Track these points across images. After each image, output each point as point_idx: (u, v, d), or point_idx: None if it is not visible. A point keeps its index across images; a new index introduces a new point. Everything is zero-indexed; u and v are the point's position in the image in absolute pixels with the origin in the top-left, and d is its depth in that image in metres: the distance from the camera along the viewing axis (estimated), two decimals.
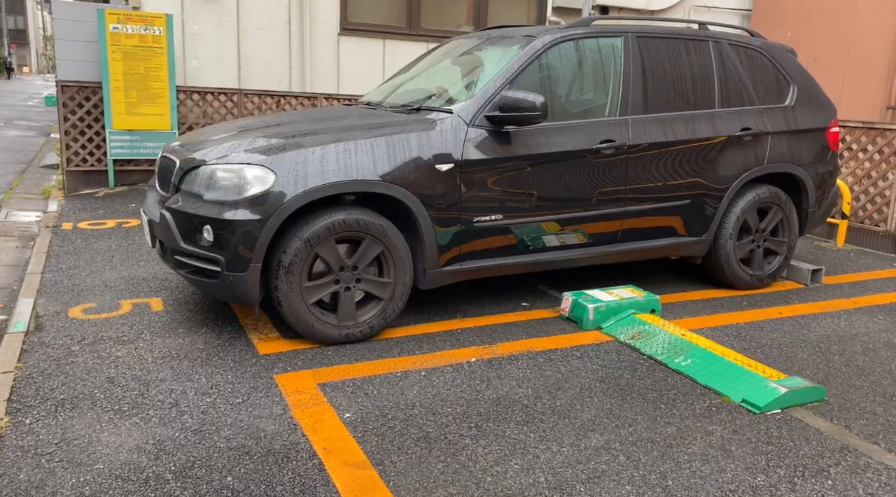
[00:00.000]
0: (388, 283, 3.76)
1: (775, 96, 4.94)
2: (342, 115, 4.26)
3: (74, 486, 2.40)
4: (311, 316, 3.60)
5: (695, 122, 4.55)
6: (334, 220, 3.56)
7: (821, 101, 5.11)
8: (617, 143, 4.25)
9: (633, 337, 3.93)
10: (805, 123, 4.97)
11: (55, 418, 2.83)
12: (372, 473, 2.57)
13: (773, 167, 4.83)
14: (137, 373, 3.29)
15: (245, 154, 3.57)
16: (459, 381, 3.36)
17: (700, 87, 4.64)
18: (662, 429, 2.99)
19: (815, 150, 5.02)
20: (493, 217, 3.98)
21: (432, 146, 3.78)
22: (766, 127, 4.79)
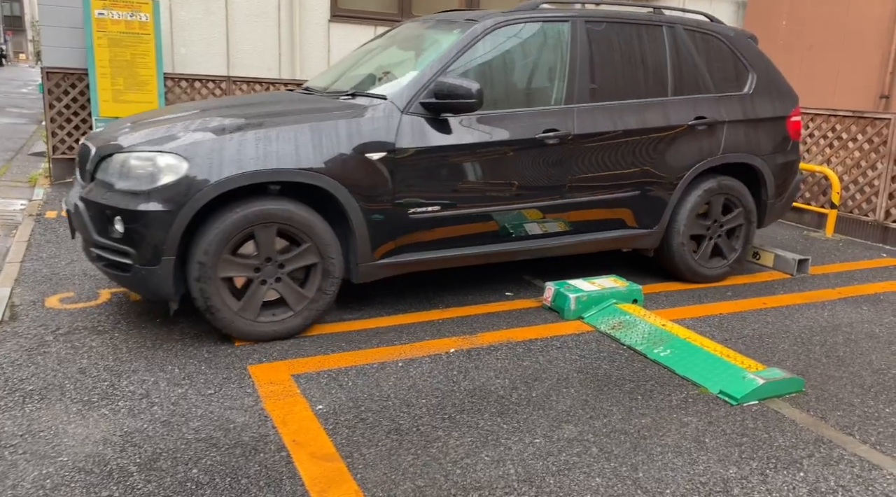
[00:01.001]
0: (305, 297, 3.60)
1: (733, 84, 4.80)
2: (274, 100, 4.10)
3: (36, 478, 2.37)
4: (231, 312, 3.43)
5: (645, 111, 4.41)
6: (250, 211, 3.37)
7: (782, 90, 4.98)
8: (561, 132, 4.12)
9: (613, 327, 3.90)
10: (764, 112, 4.84)
11: (22, 410, 2.81)
12: (340, 466, 2.55)
13: (728, 157, 4.70)
14: (110, 363, 3.26)
15: (160, 141, 3.39)
16: (437, 372, 3.33)
17: (652, 74, 4.50)
18: (637, 420, 2.97)
19: (774, 139, 4.89)
20: (430, 208, 3.84)
21: (362, 134, 3.63)
22: (721, 116, 4.66)
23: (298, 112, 3.68)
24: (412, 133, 3.74)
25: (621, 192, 4.41)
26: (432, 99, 3.75)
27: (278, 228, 3.47)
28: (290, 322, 3.59)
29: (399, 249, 3.85)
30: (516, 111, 4.09)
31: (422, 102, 3.77)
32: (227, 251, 3.38)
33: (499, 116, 4.01)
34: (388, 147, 3.67)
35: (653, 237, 4.63)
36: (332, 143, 3.56)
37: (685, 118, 4.53)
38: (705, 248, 4.80)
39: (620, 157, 4.35)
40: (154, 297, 3.44)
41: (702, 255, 4.80)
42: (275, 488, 2.39)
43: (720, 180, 4.72)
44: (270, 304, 3.60)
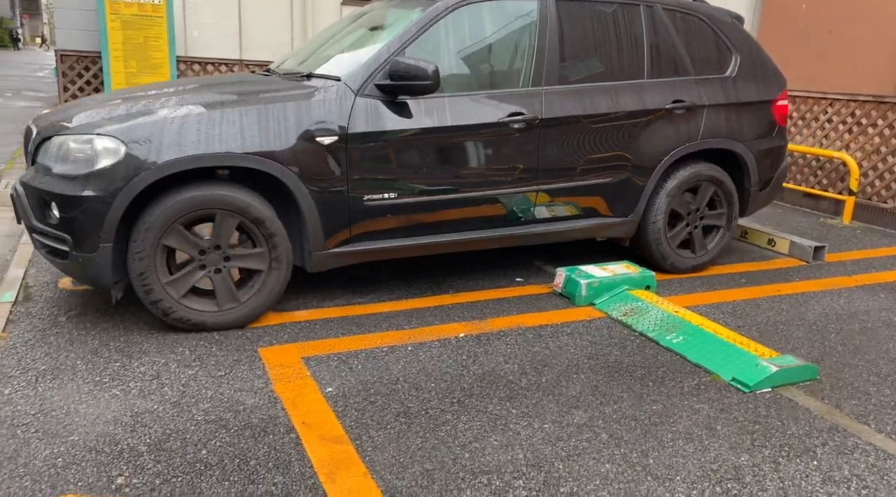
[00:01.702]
0: (262, 253, 3.45)
1: (715, 66, 4.59)
2: (231, 82, 3.96)
3: (48, 457, 2.39)
4: (169, 297, 3.32)
5: (619, 95, 4.21)
6: (186, 197, 3.23)
7: (767, 72, 4.77)
8: (528, 116, 3.93)
9: (625, 313, 3.86)
10: (748, 96, 4.63)
11: (34, 389, 2.83)
12: (349, 448, 2.55)
13: (708, 143, 4.50)
14: (122, 344, 3.28)
15: (100, 124, 3.26)
16: (446, 357, 3.32)
17: (627, 55, 4.29)
18: (648, 407, 2.94)
19: (759, 124, 4.69)
20: (386, 195, 3.68)
21: (312, 117, 3.46)
22: (701, 99, 4.45)
23: (248, 94, 3.53)
24: (366, 116, 3.57)
25: (594, 180, 4.23)
26: (387, 80, 3.57)
27: (204, 216, 3.32)
28: (206, 316, 3.41)
29: (355, 238, 3.71)
30: (479, 94, 3.90)
31: (377, 84, 3.60)
32: (179, 224, 3.27)
33: (460, 100, 3.82)
34: (339, 131, 3.50)
35: (627, 226, 4.46)
36: (280, 126, 3.40)
37: (662, 102, 4.33)
38: (676, 233, 4.60)
39: (592, 143, 4.16)
40: (93, 286, 3.34)
41: (684, 245, 4.65)
42: (283, 470, 2.40)
43: (700, 167, 4.53)
44: (207, 293, 3.47)
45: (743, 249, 5.41)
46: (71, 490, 2.23)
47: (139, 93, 3.81)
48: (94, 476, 2.31)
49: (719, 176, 4.61)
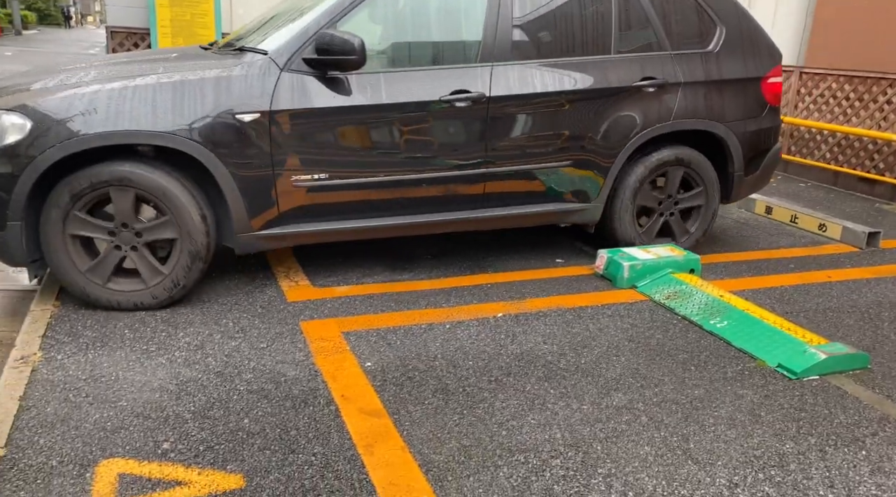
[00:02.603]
0: (169, 220, 3.31)
1: (696, 40, 4.23)
2: (162, 57, 3.78)
3: (97, 421, 2.47)
4: (77, 272, 3.26)
5: (579, 72, 3.92)
6: (94, 173, 3.13)
7: (758, 46, 4.39)
8: (473, 94, 3.67)
9: (668, 297, 3.79)
10: (733, 72, 4.28)
11: (85, 355, 2.92)
12: (386, 422, 2.57)
13: (682, 124, 4.16)
14: (167, 315, 3.36)
15: (9, 97, 3.17)
16: (484, 336, 3.31)
17: (592, 30, 3.99)
18: (690, 391, 2.89)
19: (744, 103, 4.34)
20: (316, 176, 3.50)
21: (232, 92, 3.29)
22: (676, 76, 4.13)
23: (171, 69, 3.37)
24: (292, 93, 3.38)
25: (550, 162, 3.96)
26: (314, 55, 3.39)
27: (142, 196, 3.24)
28: (141, 296, 3.35)
29: (285, 220, 3.54)
30: (421, 70, 3.67)
31: (304, 58, 3.41)
32: (79, 210, 3.19)
33: (399, 76, 3.61)
34: (262, 108, 3.33)
35: (590, 212, 4.19)
36: (196, 103, 3.25)
37: (629, 79, 4.02)
38: (651, 226, 4.35)
39: (548, 123, 3.89)
40: (7, 263, 3.28)
41: (646, 233, 4.36)
42: (323, 441, 2.43)
43: (673, 150, 4.23)
44: (133, 273, 3.40)
45: (793, 234, 5.25)
46: (119, 453, 2.30)
47: (86, 63, 3.70)
48: (142, 441, 2.38)
49: (697, 160, 4.29)
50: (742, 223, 5.48)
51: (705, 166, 4.34)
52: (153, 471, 2.23)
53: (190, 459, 2.29)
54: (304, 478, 2.24)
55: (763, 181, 4.70)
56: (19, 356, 2.86)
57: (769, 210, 5.69)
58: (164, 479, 2.19)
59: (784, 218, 5.54)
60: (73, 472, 2.20)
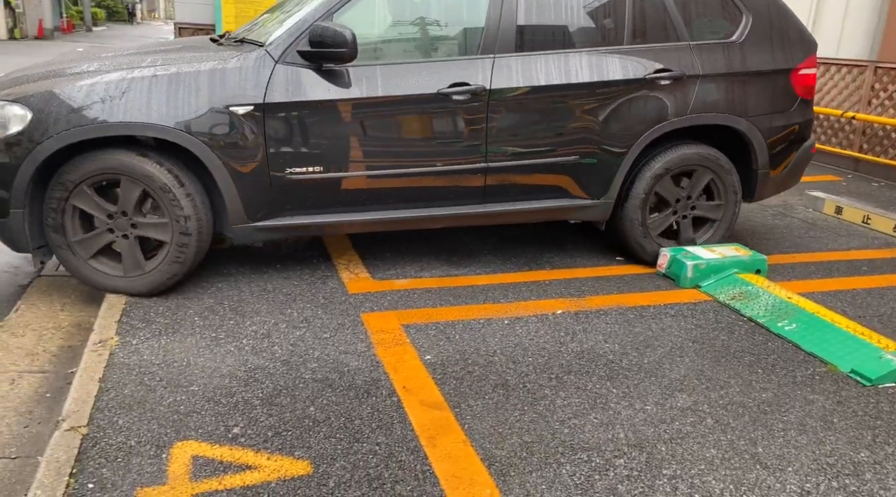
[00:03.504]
0: (166, 224, 3.36)
1: (719, 30, 4.01)
2: (168, 48, 3.84)
3: (171, 404, 2.57)
4: (77, 256, 3.35)
5: (586, 63, 3.76)
6: (89, 163, 3.22)
7: (789, 36, 4.12)
8: (473, 87, 3.57)
9: (733, 297, 3.70)
10: (759, 64, 4.02)
11: (158, 341, 3.04)
12: (448, 415, 2.59)
13: (700, 118, 3.94)
14: (235, 303, 3.45)
15: (13, 89, 3.26)
16: (543, 332, 3.30)
17: (602, 19, 3.85)
18: (757, 394, 2.82)
19: (771, 96, 4.08)
20: (311, 169, 3.47)
21: (226, 85, 3.31)
22: (695, 68, 3.90)
23: (170, 61, 3.41)
24: (287, 85, 3.37)
25: (556, 157, 3.82)
26: (308, 47, 3.36)
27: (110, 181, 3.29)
28: (117, 281, 3.42)
29: (280, 212, 3.55)
30: (418, 62, 3.62)
31: (299, 51, 3.39)
32: (87, 187, 3.27)
33: (397, 69, 3.55)
34: (257, 100, 3.33)
35: (600, 208, 4.01)
36: (191, 95, 3.28)
37: (641, 71, 3.82)
38: (660, 220, 4.11)
39: (553, 117, 3.76)
40: (12, 249, 3.36)
41: (652, 229, 4.10)
42: (386, 431, 2.47)
43: (694, 146, 4.01)
44: (118, 257, 3.46)
45: (865, 235, 5.05)
46: (192, 436, 2.39)
47: (95, 56, 3.78)
48: (213, 425, 2.46)
49: (715, 157, 4.05)
50: (810, 223, 5.30)
51: (726, 168, 4.08)
52: (224, 454, 2.30)
53: (259, 445, 2.36)
54: (369, 467, 2.28)
55: (792, 179, 4.44)
56: (98, 340, 2.99)
57: (839, 210, 5.48)
58: (234, 463, 2.26)
59: (856, 219, 5.33)
60: (149, 452, 2.29)
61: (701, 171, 4.06)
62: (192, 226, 3.38)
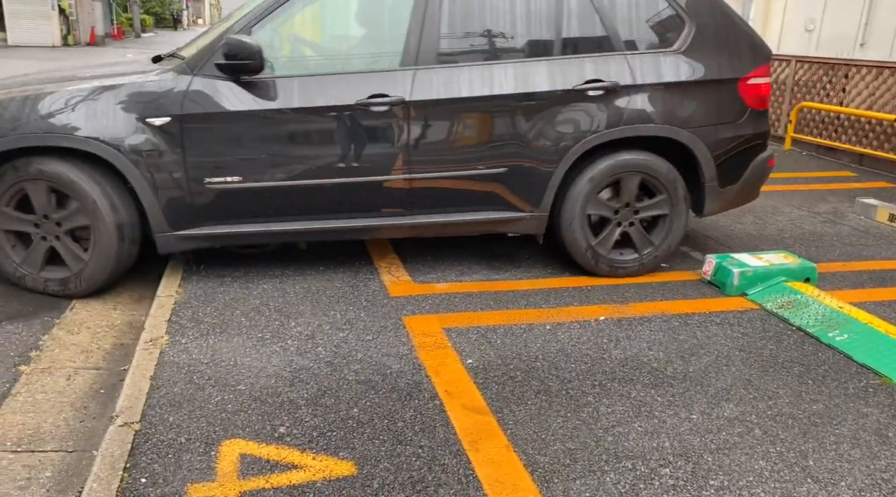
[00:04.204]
0: (82, 260, 3.54)
1: (659, 38, 3.88)
2: (106, 66, 4.07)
3: (219, 403, 2.63)
4: (12, 263, 3.54)
5: (512, 74, 3.70)
6: (16, 167, 3.40)
7: (736, 44, 3.95)
8: (392, 98, 3.57)
9: (781, 306, 3.62)
10: (702, 73, 3.85)
11: (206, 340, 3.11)
12: (490, 420, 2.59)
13: (634, 129, 3.79)
14: (280, 305, 3.51)
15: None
16: (585, 339, 3.28)
17: (531, 28, 3.78)
18: (807, 406, 2.75)
19: (717, 107, 3.91)
20: (228, 179, 3.52)
21: (143, 97, 3.43)
22: (630, 78, 3.77)
23: (91, 76, 3.63)
24: (203, 97, 3.46)
25: (484, 169, 3.75)
26: (223, 60, 3.43)
27: None
28: (66, 284, 3.56)
29: (200, 221, 3.60)
30: (337, 74, 3.66)
31: (216, 63, 3.46)
32: (4, 206, 3.46)
33: (315, 80, 3.60)
34: (173, 112, 3.43)
35: (534, 221, 3.90)
36: (108, 107, 3.40)
37: (571, 82, 3.72)
38: (606, 237, 3.95)
39: (477, 128, 3.72)
40: None
41: (601, 244, 3.95)
42: (429, 434, 2.48)
43: (629, 156, 3.85)
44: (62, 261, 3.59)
45: None
46: (240, 435, 2.44)
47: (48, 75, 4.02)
48: (259, 424, 2.51)
49: (658, 168, 3.87)
50: (862, 231, 5.15)
51: (667, 173, 3.89)
52: (271, 453, 2.34)
53: (304, 444, 2.40)
54: (412, 469, 2.29)
55: (748, 194, 4.22)
56: (148, 338, 3.08)
57: (893, 218, 5.32)
58: (281, 462, 2.30)
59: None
60: (199, 449, 2.35)
61: (628, 176, 3.88)
62: (108, 231, 3.49)
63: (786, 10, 9.80)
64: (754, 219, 5.40)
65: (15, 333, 3.19)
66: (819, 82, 8.32)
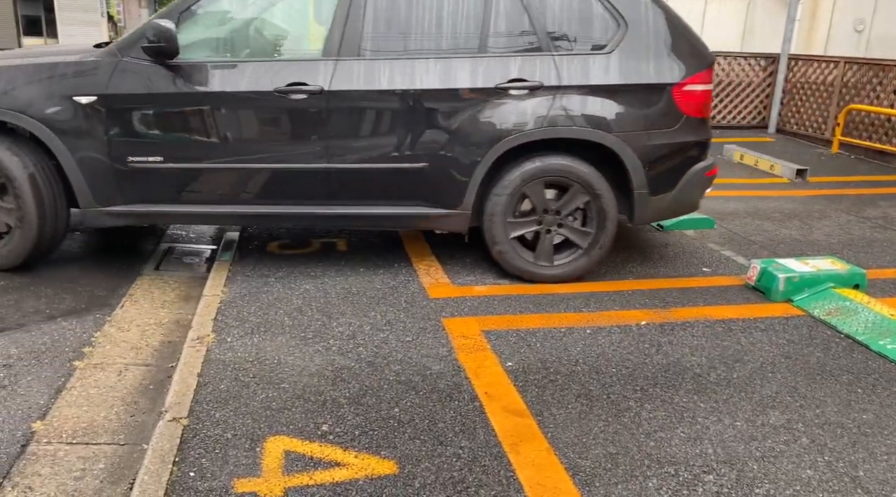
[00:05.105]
0: (11, 209, 3.67)
1: (590, 40, 3.78)
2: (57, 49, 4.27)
3: (263, 400, 2.68)
4: None
5: (434, 69, 3.68)
6: None
7: (674, 49, 3.81)
8: (311, 87, 3.61)
9: (829, 313, 3.54)
10: (633, 77, 3.74)
11: (251, 339, 3.17)
12: (530, 422, 2.59)
13: (556, 131, 3.71)
14: (322, 305, 3.57)
15: None
16: (627, 343, 3.25)
17: (458, 25, 3.74)
18: (857, 415, 2.69)
19: (648, 113, 3.78)
20: (151, 159, 3.67)
21: (75, 77, 3.61)
22: (556, 78, 3.70)
23: (30, 55, 3.80)
24: (128, 78, 3.61)
25: (404, 163, 3.75)
26: (146, 43, 3.55)
27: None
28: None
29: (126, 199, 3.75)
30: (259, 61, 3.77)
31: (143, 47, 3.58)
32: None
33: (238, 65, 3.71)
34: (99, 92, 3.59)
35: (457, 219, 3.84)
36: (42, 85, 3.58)
37: (493, 80, 3.69)
38: (544, 243, 3.88)
39: (397, 122, 3.71)
40: None
41: (542, 253, 3.89)
42: (469, 436, 2.49)
43: (553, 159, 3.76)
44: None
45: None
46: (284, 432, 2.49)
47: None
48: (303, 421, 2.55)
49: (582, 173, 3.75)
50: None
51: (594, 180, 3.78)
52: (314, 451, 2.38)
53: (347, 442, 2.43)
54: (453, 470, 2.31)
55: (684, 205, 4.04)
56: (196, 336, 3.15)
57: None
58: (324, 460, 2.34)
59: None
60: (244, 445, 2.40)
61: (576, 189, 3.80)
62: (29, 216, 3.65)
63: (834, 11, 9.57)
64: (800, 223, 5.28)
65: (69, 330, 3.30)
66: (868, 84, 8.09)
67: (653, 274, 4.14)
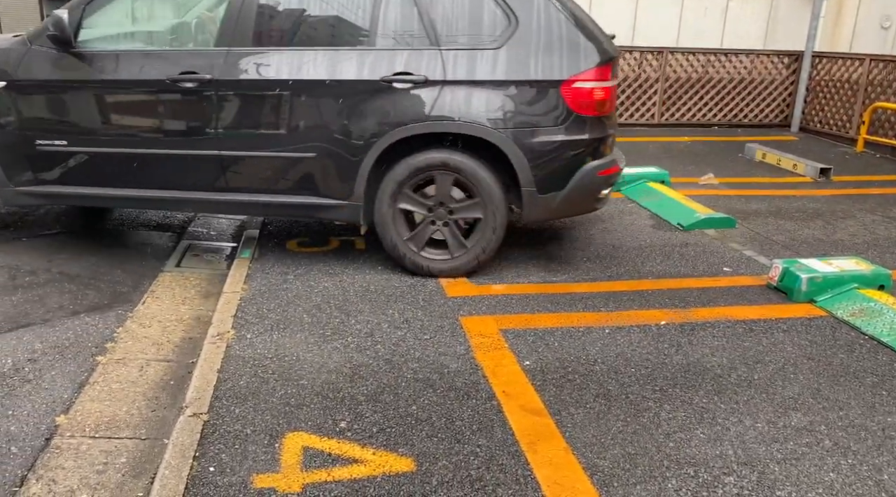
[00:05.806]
0: None
1: (479, 35, 3.74)
2: None
3: (282, 396, 2.70)
4: None
5: (319, 61, 3.73)
6: None
7: (565, 45, 3.72)
8: (200, 76, 3.73)
9: (853, 314, 3.48)
10: (520, 73, 3.69)
11: (270, 336, 3.20)
12: (548, 421, 2.58)
13: (439, 125, 3.69)
14: (340, 303, 3.58)
15: None
16: (646, 343, 3.23)
17: (347, 18, 3.84)
18: (881, 418, 2.64)
19: (534, 109, 3.72)
20: (56, 142, 3.88)
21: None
22: (441, 73, 3.68)
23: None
24: (34, 65, 3.83)
25: (291, 152, 3.81)
26: (49, 32, 3.71)
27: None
28: None
29: (37, 180, 3.98)
30: (155, 50, 3.96)
31: (47, 35, 3.74)
32: None
33: (135, 55, 3.87)
34: (8, 78, 3.84)
35: (349, 211, 3.88)
36: None
37: (378, 73, 3.70)
38: (419, 233, 3.89)
39: (284, 112, 3.77)
40: None
41: (414, 240, 3.89)
42: (487, 434, 2.49)
43: (439, 154, 3.75)
44: None
45: None
46: (303, 428, 2.50)
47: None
48: (321, 418, 2.56)
49: (469, 169, 3.74)
50: None
51: (480, 175, 3.75)
52: (332, 447, 2.40)
53: (364, 439, 2.44)
54: (471, 468, 2.30)
55: (576, 204, 3.96)
56: (216, 333, 3.18)
57: None
58: (342, 456, 2.35)
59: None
60: (263, 441, 2.42)
61: (442, 176, 3.79)
62: None
63: (859, 7, 9.41)
64: (823, 223, 5.21)
65: (92, 325, 3.35)
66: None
67: (673, 273, 4.10)
